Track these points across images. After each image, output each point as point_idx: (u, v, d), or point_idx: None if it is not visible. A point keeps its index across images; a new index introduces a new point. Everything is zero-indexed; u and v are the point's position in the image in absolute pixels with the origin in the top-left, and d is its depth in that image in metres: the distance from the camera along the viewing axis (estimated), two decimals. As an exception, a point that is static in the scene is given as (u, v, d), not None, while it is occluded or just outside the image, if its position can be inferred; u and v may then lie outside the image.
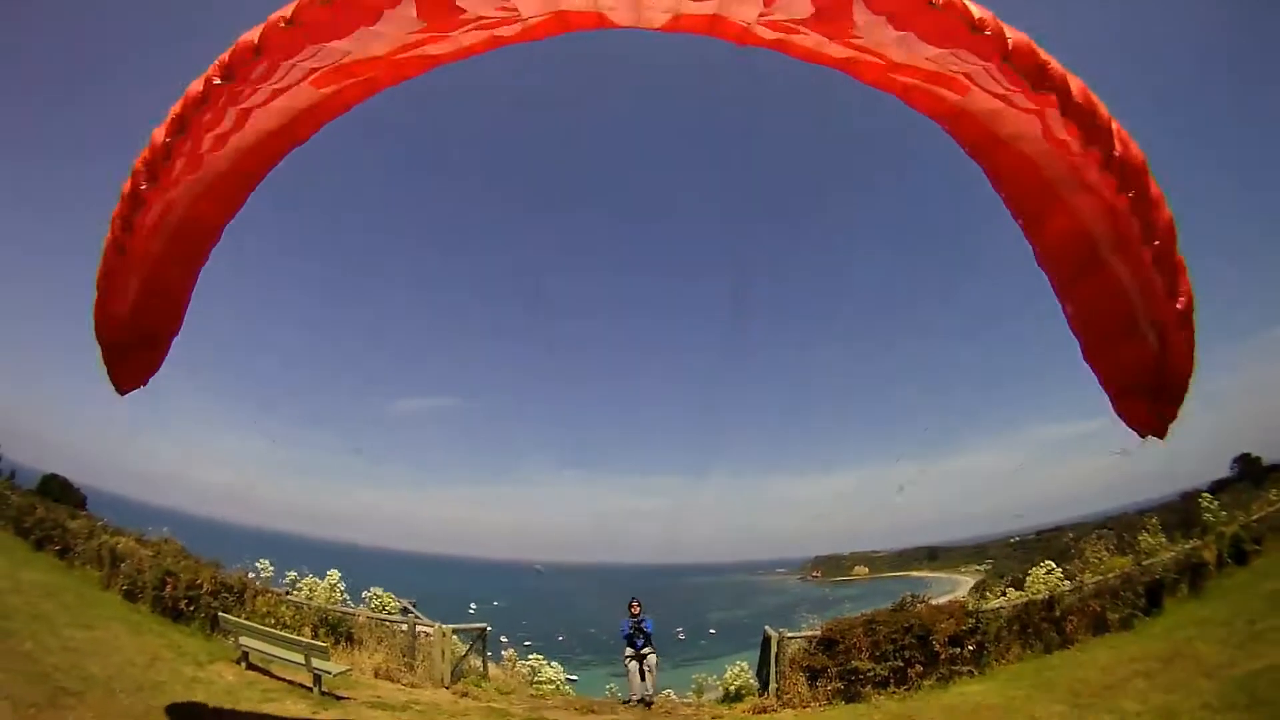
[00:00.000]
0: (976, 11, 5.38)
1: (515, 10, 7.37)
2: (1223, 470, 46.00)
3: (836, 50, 7.29)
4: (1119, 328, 6.53)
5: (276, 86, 7.53)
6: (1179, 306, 6.04)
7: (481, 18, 7.41)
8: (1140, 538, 22.38)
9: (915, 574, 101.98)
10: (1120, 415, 6.82)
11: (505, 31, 7.94)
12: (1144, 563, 20.28)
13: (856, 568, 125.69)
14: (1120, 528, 28.43)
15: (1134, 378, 6.56)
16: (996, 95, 6.37)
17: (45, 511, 21.25)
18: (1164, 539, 22.23)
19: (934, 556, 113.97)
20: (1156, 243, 5.97)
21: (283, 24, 6.48)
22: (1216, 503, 22.69)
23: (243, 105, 7.56)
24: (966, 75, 6.34)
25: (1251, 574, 17.72)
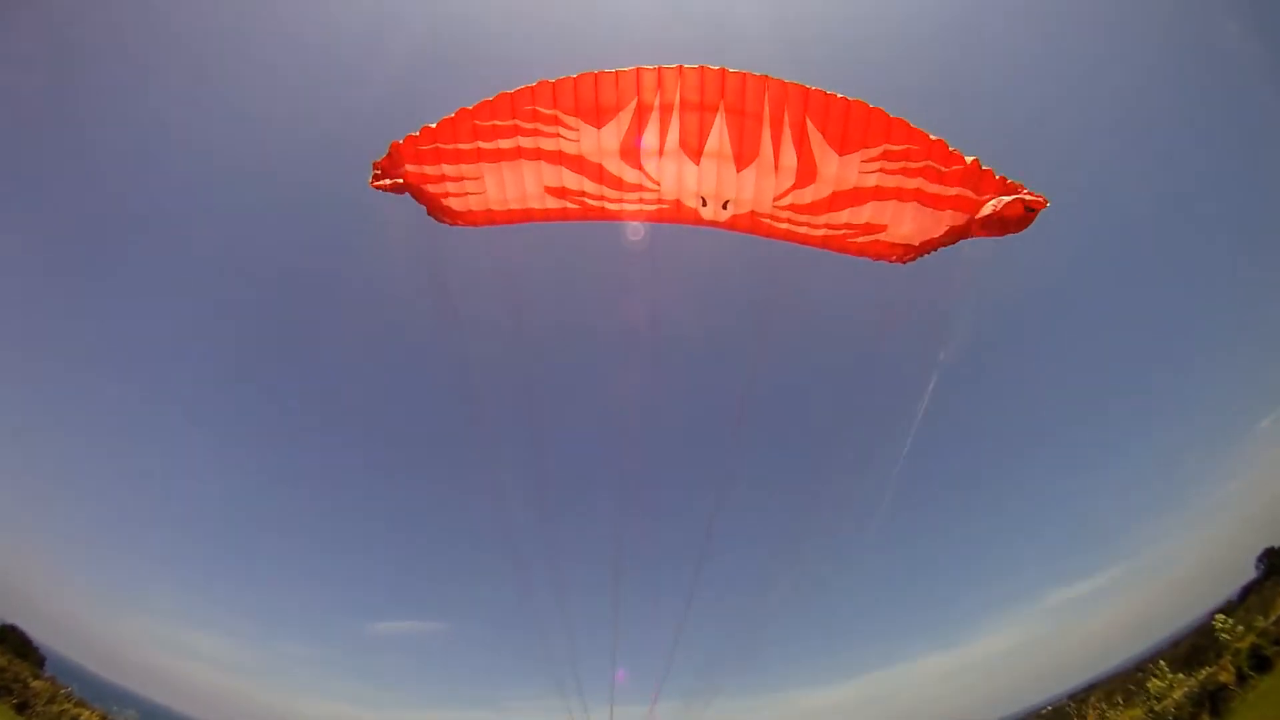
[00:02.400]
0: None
1: (657, 185, 10.65)
2: (1250, 572, 42.74)
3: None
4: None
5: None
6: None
7: (642, 187, 10.67)
8: (1150, 683, 21.60)
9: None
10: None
11: (643, 207, 11.02)
12: (1156, 708, 19.53)
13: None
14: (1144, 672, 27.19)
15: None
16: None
17: (6, 663, 20.23)
18: (1180, 675, 21.45)
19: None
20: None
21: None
22: (1230, 621, 22.07)
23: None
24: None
25: (1276, 679, 17.03)
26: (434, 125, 10.47)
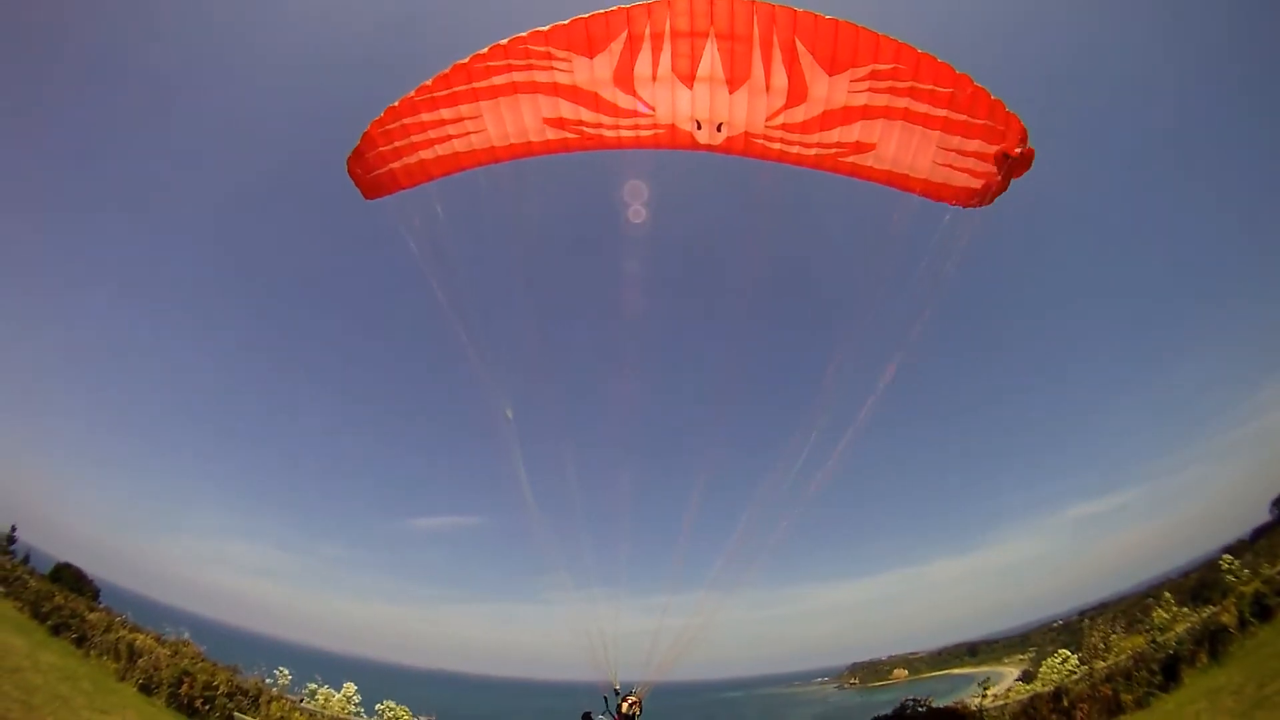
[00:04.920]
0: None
1: (652, 110, 10.80)
2: (1264, 514, 42.27)
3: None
4: None
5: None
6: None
7: (637, 113, 10.82)
8: (1155, 613, 21.98)
9: (956, 671, 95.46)
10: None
11: (639, 133, 11.21)
12: (1158, 639, 19.91)
13: (895, 671, 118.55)
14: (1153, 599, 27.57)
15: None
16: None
17: (64, 599, 21.92)
18: (1185, 609, 21.81)
19: (975, 652, 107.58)
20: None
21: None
22: (1238, 562, 22.21)
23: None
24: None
25: (1275, 631, 16.92)
26: (429, 81, 10.62)
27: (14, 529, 29.03)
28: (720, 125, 10.91)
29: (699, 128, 11.00)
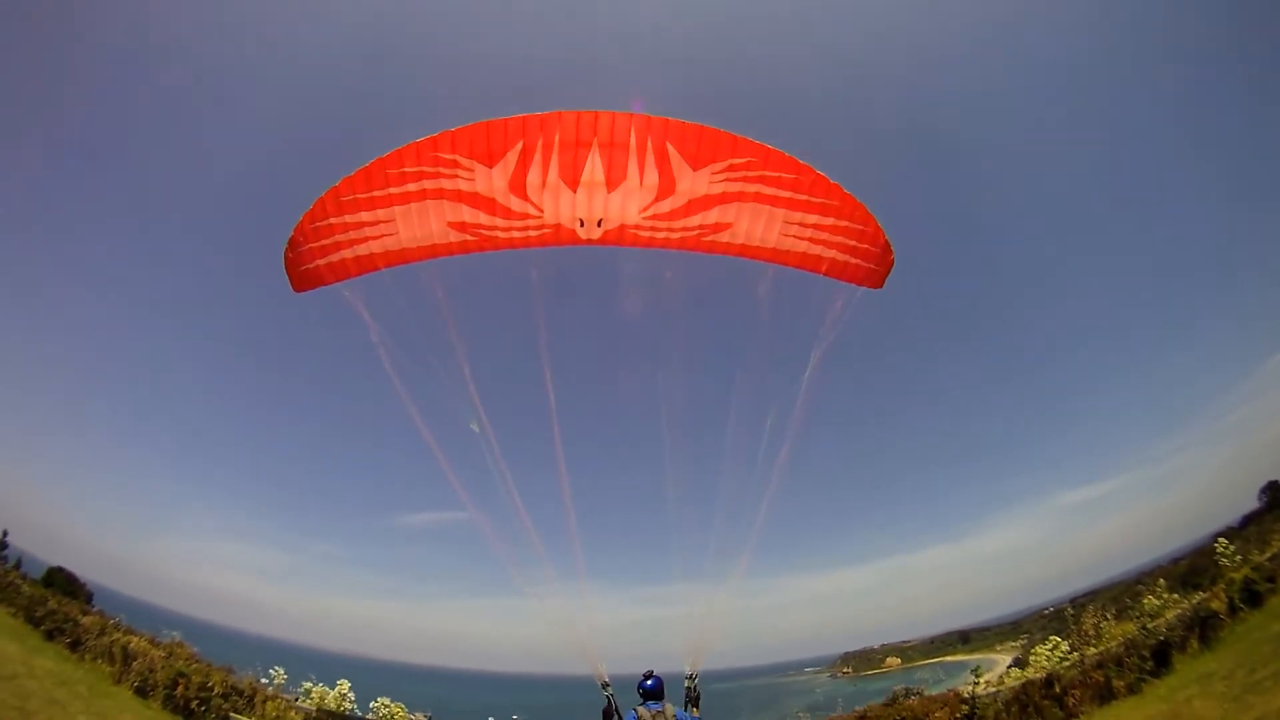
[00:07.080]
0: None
1: (540, 212, 12.04)
2: (1253, 501, 42.40)
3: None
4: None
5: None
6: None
7: (527, 215, 12.02)
8: (1145, 600, 22.26)
9: (949, 659, 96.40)
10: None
11: (528, 234, 12.42)
12: (1149, 625, 20.16)
13: (888, 659, 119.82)
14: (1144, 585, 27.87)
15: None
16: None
17: (57, 604, 21.74)
18: (1175, 595, 22.10)
19: (967, 640, 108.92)
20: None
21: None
22: (1231, 547, 22.54)
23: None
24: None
25: (1265, 616, 17.14)
26: (355, 175, 11.47)
27: (5, 534, 28.76)
28: (600, 221, 12.30)
29: (581, 225, 12.34)
